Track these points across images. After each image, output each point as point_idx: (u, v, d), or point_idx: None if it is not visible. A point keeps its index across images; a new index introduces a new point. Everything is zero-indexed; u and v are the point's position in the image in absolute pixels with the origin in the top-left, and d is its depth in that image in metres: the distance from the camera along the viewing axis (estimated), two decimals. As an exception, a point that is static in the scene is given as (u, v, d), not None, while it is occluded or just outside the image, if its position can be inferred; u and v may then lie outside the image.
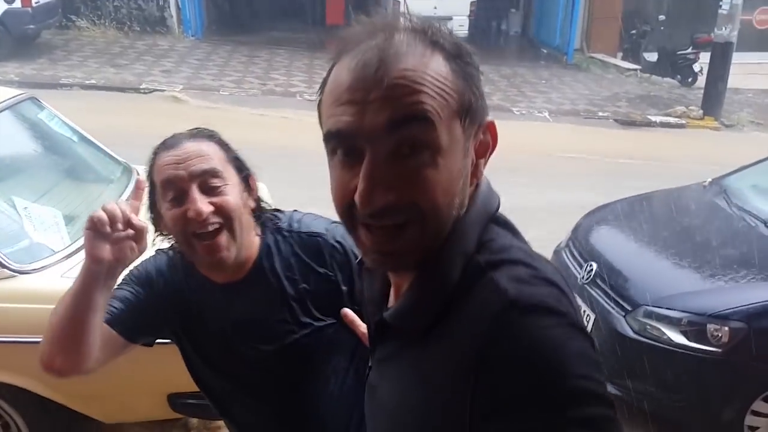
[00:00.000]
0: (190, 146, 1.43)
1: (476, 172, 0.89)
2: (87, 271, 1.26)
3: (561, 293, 0.80)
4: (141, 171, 3.51)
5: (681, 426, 3.59)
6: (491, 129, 0.90)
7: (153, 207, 1.48)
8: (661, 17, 14.52)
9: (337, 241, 1.55)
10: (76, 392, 2.72)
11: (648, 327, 3.48)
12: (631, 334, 3.49)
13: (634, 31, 14.40)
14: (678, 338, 3.40)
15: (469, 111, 0.83)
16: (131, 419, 2.98)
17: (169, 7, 14.34)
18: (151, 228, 1.41)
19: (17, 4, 11.08)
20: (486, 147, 0.90)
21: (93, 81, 10.37)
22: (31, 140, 3.58)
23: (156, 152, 1.46)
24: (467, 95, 0.83)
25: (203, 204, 1.39)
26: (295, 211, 1.64)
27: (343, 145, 0.82)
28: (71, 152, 3.74)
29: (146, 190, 1.45)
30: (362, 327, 1.35)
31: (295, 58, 13.33)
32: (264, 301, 1.53)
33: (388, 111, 0.77)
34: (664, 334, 3.43)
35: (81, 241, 2.83)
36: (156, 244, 1.52)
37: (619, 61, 14.45)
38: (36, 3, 11.41)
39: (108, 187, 3.56)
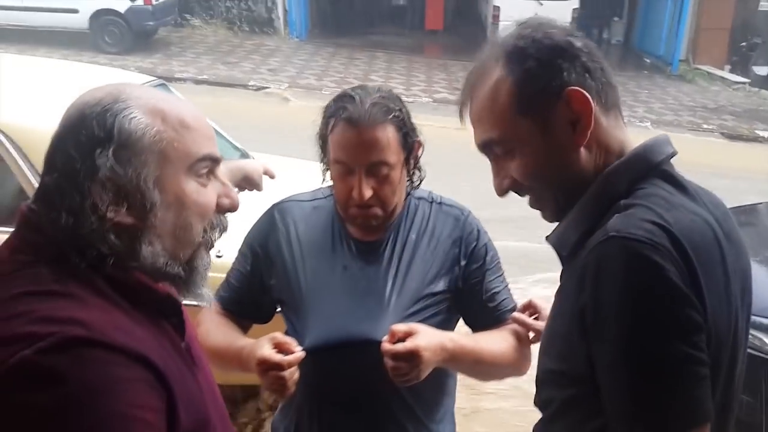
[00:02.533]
0: (370, 133, 1.47)
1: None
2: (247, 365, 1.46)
3: (665, 234, 0.94)
4: (257, 156, 3.80)
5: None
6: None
7: (324, 144, 1.55)
8: (775, 29, 13.96)
9: (472, 221, 1.65)
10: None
11: (750, 336, 3.44)
12: (731, 342, 3.46)
13: (743, 44, 13.90)
14: (781, 349, 3.35)
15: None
16: (222, 381, 3.19)
17: (276, 9, 14.95)
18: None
19: (139, 1, 11.86)
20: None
21: (205, 76, 10.97)
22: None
23: (336, 115, 1.49)
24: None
25: (366, 189, 1.48)
26: (432, 191, 1.72)
27: None
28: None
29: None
30: (537, 325, 1.52)
31: (393, 61, 13.61)
32: (382, 267, 1.59)
33: None
34: (766, 344, 3.39)
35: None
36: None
37: (726, 74, 13.97)
38: (156, 1, 12.17)
39: (228, 170, 3.84)
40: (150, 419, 0.88)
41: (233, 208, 1.05)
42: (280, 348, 1.43)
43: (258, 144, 4.37)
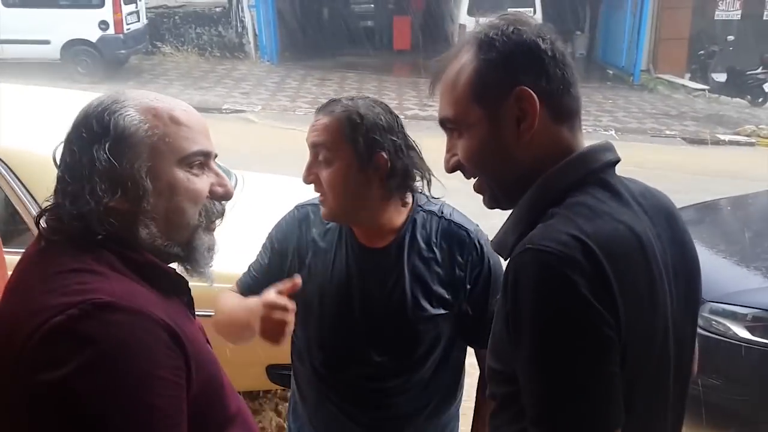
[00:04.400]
0: (322, 119, 1.56)
1: None
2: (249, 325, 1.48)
3: (579, 246, 0.98)
4: (239, 176, 3.90)
5: (746, 419, 3.71)
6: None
7: None
8: (730, 37, 14.42)
9: (479, 243, 1.63)
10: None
11: (713, 323, 3.62)
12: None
13: (702, 52, 14.33)
14: (743, 333, 3.53)
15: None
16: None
17: (246, 33, 15.11)
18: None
19: (111, 30, 11.94)
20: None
21: (178, 102, 11.05)
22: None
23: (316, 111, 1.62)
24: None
25: (306, 173, 1.58)
26: (445, 204, 1.71)
27: None
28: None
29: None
30: None
31: (364, 81, 13.82)
32: (395, 271, 1.61)
33: None
34: (730, 329, 3.57)
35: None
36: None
37: (687, 82, 14.38)
38: (127, 30, 12.26)
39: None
40: (170, 378, 0.98)
41: (227, 195, 1.16)
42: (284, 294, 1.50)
43: (238, 163, 4.49)
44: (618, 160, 1.14)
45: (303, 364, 1.74)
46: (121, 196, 1.05)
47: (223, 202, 1.18)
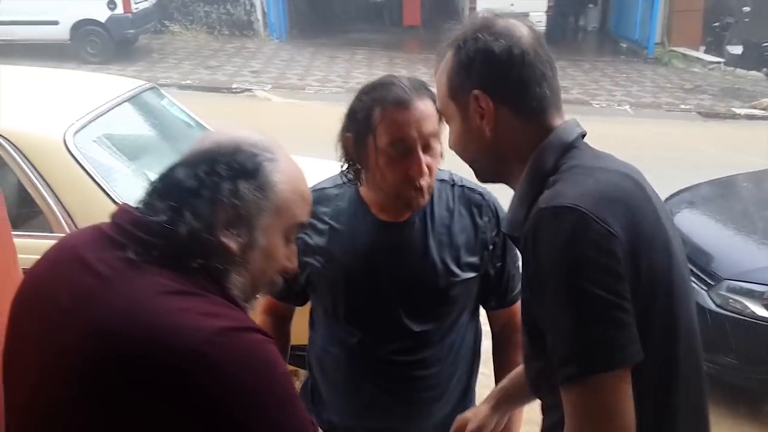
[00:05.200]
0: (420, 107, 1.51)
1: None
2: None
3: (586, 198, 1.10)
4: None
5: (763, 398, 3.70)
6: None
7: (359, 141, 1.57)
8: (746, 9, 14.17)
9: (494, 204, 1.70)
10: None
11: (731, 301, 3.60)
12: (713, 307, 3.61)
13: (717, 24, 14.09)
14: (760, 311, 3.52)
15: None
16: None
17: (255, 11, 15.01)
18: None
19: (119, 10, 11.90)
20: None
21: (188, 81, 11.05)
22: (156, 124, 4.00)
23: (381, 103, 1.53)
24: None
25: (424, 164, 1.52)
26: (452, 172, 1.73)
27: None
28: (188, 135, 4.15)
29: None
30: None
31: (374, 57, 13.72)
32: (421, 243, 1.64)
33: None
34: (747, 307, 3.55)
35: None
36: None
37: (701, 54, 14.18)
38: (136, 9, 12.22)
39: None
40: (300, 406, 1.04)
41: (290, 272, 1.19)
42: None
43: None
44: (585, 133, 1.28)
45: (333, 350, 1.73)
46: (235, 236, 1.06)
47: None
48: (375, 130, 1.53)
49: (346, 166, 1.63)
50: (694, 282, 3.75)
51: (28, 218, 3.10)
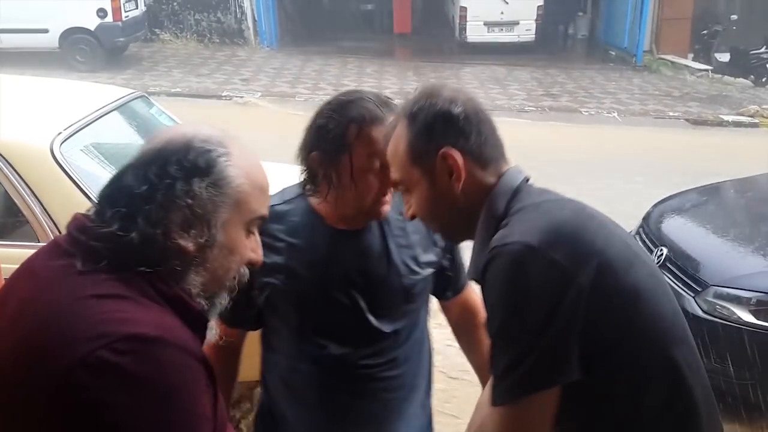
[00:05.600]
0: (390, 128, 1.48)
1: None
2: None
3: (535, 236, 1.17)
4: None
5: (751, 404, 3.71)
6: None
7: (329, 158, 1.55)
8: (733, 17, 14.29)
9: None
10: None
11: (717, 307, 3.62)
12: (700, 313, 3.63)
13: (705, 32, 14.19)
14: (747, 317, 3.53)
15: None
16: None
17: (246, 19, 15.03)
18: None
19: (109, 18, 11.89)
20: None
21: (178, 89, 11.04)
22: (145, 132, 3.97)
23: (360, 122, 1.53)
24: None
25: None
26: None
27: None
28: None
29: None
30: None
31: (364, 65, 13.76)
32: (382, 246, 1.66)
33: None
34: (734, 313, 3.57)
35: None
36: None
37: (689, 62, 14.27)
38: (126, 17, 12.21)
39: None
40: (209, 415, 0.99)
41: (257, 263, 1.18)
42: None
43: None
44: (529, 178, 1.36)
45: (302, 367, 1.70)
46: (192, 237, 1.04)
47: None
48: (351, 147, 1.53)
49: (306, 184, 1.62)
50: (681, 288, 3.77)
51: (15, 228, 3.08)
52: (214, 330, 1.15)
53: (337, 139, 1.53)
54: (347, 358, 1.67)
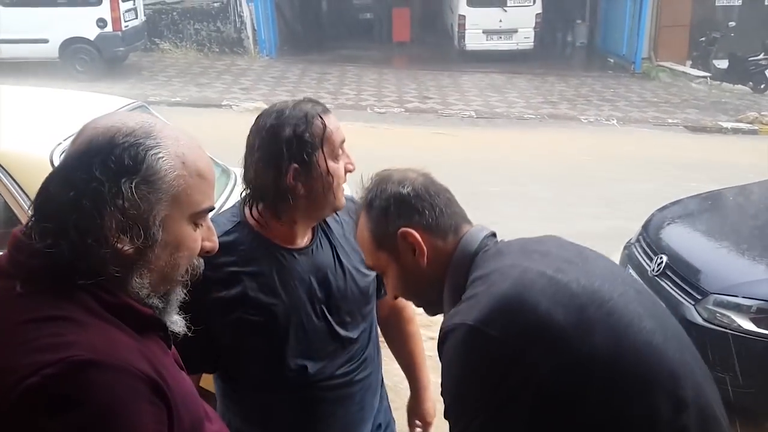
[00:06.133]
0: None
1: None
2: None
3: (483, 317, 1.20)
4: (237, 173, 3.90)
5: (751, 412, 3.69)
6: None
7: (307, 165, 1.54)
8: (731, 23, 14.35)
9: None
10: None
11: (718, 315, 3.59)
12: (700, 321, 3.60)
13: (703, 39, 14.24)
14: (747, 325, 3.50)
15: None
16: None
17: (245, 29, 15.08)
18: None
19: (109, 28, 11.92)
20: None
21: (178, 99, 11.07)
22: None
23: (320, 114, 1.56)
24: None
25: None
26: None
27: None
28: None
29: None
30: None
31: (364, 74, 13.79)
32: (332, 257, 1.69)
33: None
34: (734, 321, 3.54)
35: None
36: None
37: (688, 69, 14.32)
38: (125, 27, 12.24)
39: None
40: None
41: (213, 251, 1.12)
42: None
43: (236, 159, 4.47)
44: (491, 233, 1.42)
45: (279, 394, 1.67)
46: (130, 240, 0.98)
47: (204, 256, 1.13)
48: (323, 140, 1.55)
49: (260, 198, 1.58)
50: (681, 296, 3.76)
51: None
52: (179, 323, 1.11)
53: (308, 142, 1.53)
54: (325, 371, 1.68)
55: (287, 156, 1.52)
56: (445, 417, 1.26)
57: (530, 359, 1.16)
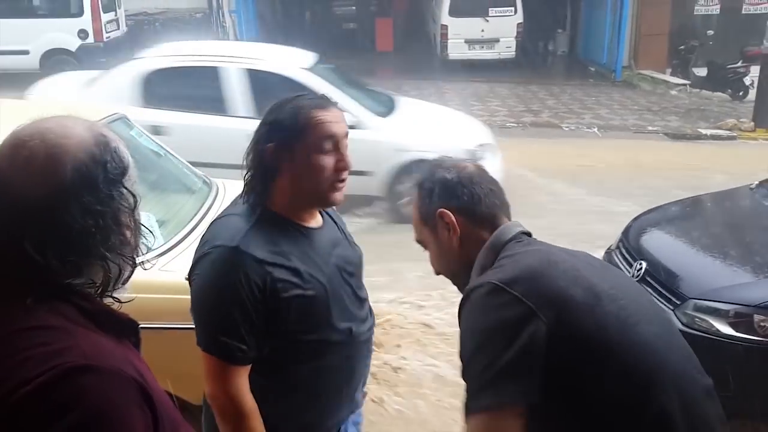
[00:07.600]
0: (334, 111, 1.72)
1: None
2: None
3: (499, 281, 1.35)
4: (221, 185, 3.88)
5: (730, 416, 3.72)
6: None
7: (284, 147, 1.68)
8: (710, 32, 14.55)
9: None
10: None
11: (696, 319, 3.63)
12: (680, 326, 3.63)
13: (682, 47, 14.41)
14: (726, 329, 3.54)
15: None
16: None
17: (227, 38, 15.04)
18: None
19: (90, 39, 11.88)
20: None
21: (160, 109, 10.99)
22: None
23: (310, 107, 1.69)
24: None
25: (346, 159, 1.74)
26: None
27: None
28: (158, 165, 4.14)
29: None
30: None
31: (347, 83, 13.78)
32: (340, 232, 1.93)
33: None
34: (713, 326, 3.57)
35: (172, 241, 3.19)
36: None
37: (668, 77, 14.46)
38: (107, 38, 12.20)
39: (191, 196, 3.92)
40: None
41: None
42: None
43: (219, 172, 4.46)
44: (526, 231, 1.57)
45: (326, 355, 1.80)
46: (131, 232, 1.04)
47: None
48: (305, 130, 1.67)
49: (254, 179, 1.72)
50: (661, 302, 3.78)
51: None
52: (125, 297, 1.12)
53: (290, 127, 1.67)
54: (362, 328, 1.89)
55: (266, 137, 1.69)
56: (463, 377, 1.35)
57: (544, 319, 1.28)
